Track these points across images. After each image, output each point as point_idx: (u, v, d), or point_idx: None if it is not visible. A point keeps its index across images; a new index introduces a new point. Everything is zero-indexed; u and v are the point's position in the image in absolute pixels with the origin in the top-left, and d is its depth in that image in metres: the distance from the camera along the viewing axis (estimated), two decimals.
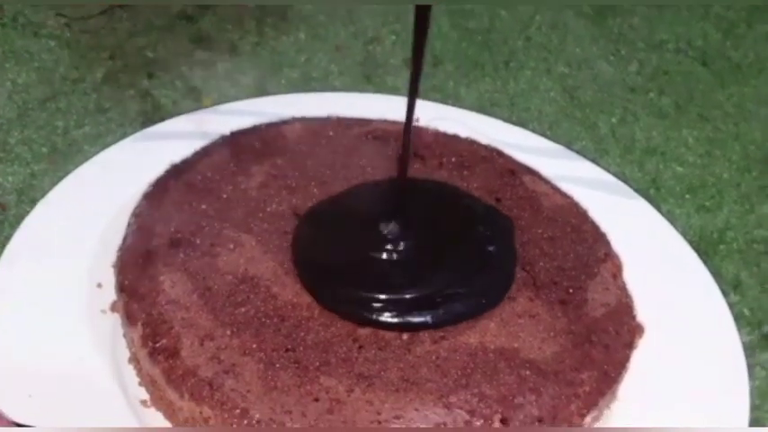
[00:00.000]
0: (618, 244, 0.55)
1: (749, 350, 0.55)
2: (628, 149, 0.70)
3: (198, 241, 0.51)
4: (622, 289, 0.51)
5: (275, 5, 0.79)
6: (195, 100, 0.68)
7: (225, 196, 0.54)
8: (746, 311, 0.58)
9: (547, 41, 0.80)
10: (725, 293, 0.58)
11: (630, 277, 0.53)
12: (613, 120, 0.72)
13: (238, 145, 0.58)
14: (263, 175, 0.56)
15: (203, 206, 0.53)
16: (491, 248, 0.52)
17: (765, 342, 0.56)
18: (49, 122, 0.65)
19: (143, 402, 0.46)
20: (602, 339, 0.48)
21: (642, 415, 0.47)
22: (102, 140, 0.63)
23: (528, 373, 0.45)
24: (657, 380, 0.49)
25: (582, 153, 0.66)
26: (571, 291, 0.50)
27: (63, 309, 0.49)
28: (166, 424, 0.45)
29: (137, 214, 0.53)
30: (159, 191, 0.54)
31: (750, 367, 0.53)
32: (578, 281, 0.51)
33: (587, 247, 0.53)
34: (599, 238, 0.54)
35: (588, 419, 0.45)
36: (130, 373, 0.47)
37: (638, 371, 0.49)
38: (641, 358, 0.49)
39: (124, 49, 0.72)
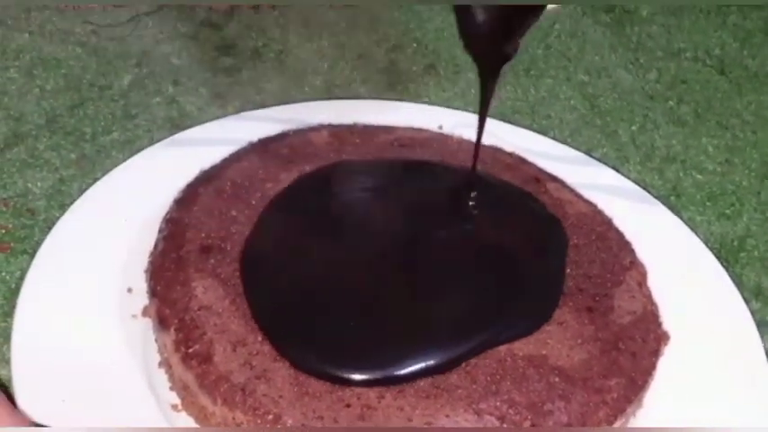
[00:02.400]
0: (642, 251, 0.56)
1: None
2: (648, 157, 0.70)
3: (228, 247, 0.52)
4: (648, 296, 0.52)
5: (298, 13, 0.80)
6: (220, 106, 0.69)
7: (254, 203, 0.55)
8: None
9: (566, 49, 0.81)
10: (747, 301, 0.58)
11: (655, 285, 0.54)
12: (633, 128, 0.73)
13: (267, 151, 0.59)
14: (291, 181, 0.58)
15: (233, 212, 0.54)
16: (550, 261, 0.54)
17: None
18: (77, 128, 0.66)
19: (174, 407, 0.47)
20: (629, 347, 0.49)
21: (666, 421, 0.48)
22: (129, 146, 0.64)
23: (557, 379, 0.46)
24: (681, 387, 0.50)
25: (603, 161, 0.67)
26: (597, 298, 0.51)
27: (94, 313, 0.51)
28: (199, 425, 0.46)
29: (168, 220, 0.54)
30: (190, 197, 0.55)
31: None
32: (605, 288, 0.52)
33: (612, 254, 0.54)
34: (624, 245, 0.55)
35: (617, 426, 0.46)
36: (161, 378, 0.48)
37: (663, 378, 0.50)
38: (666, 365, 0.50)
39: (150, 55, 0.73)
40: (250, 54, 0.76)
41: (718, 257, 0.62)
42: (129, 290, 0.53)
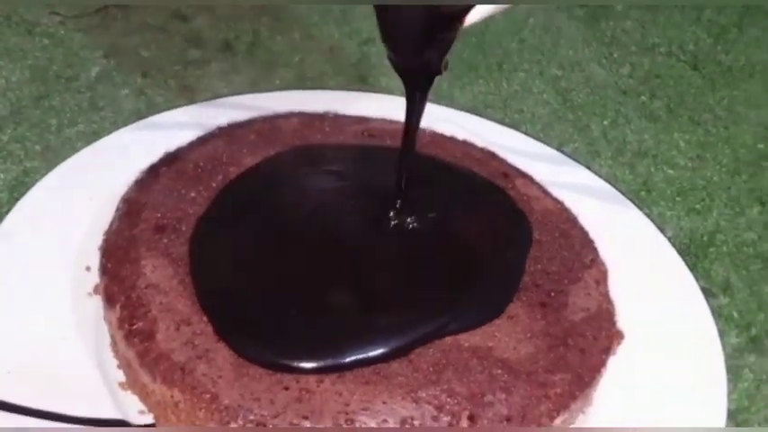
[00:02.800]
0: (606, 250, 0.56)
1: (737, 352, 0.56)
2: (619, 152, 0.70)
3: (183, 228, 0.52)
4: (604, 295, 0.52)
5: (269, 5, 0.79)
6: (189, 99, 0.68)
7: (214, 185, 0.55)
8: (735, 314, 0.58)
9: (540, 44, 0.80)
10: (714, 296, 0.59)
11: (617, 284, 0.54)
12: (605, 122, 0.73)
13: (233, 136, 0.59)
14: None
15: (192, 194, 0.54)
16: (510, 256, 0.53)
17: (753, 344, 0.56)
18: (43, 120, 0.65)
19: (120, 385, 0.47)
20: (579, 343, 0.48)
21: (616, 420, 0.48)
22: (96, 138, 0.62)
23: (500, 372, 0.46)
24: (634, 386, 0.50)
25: (574, 155, 0.67)
26: (552, 294, 0.51)
27: (50, 290, 0.51)
28: (141, 407, 0.46)
29: (125, 199, 0.54)
30: (150, 178, 0.56)
31: (738, 369, 0.55)
32: (561, 285, 0.51)
33: (574, 252, 0.54)
34: (586, 243, 0.55)
35: (558, 421, 0.45)
36: (110, 356, 0.49)
37: (616, 377, 0.49)
38: (620, 365, 0.50)
39: (118, 47, 0.72)
40: (220, 46, 0.75)
41: (688, 253, 0.62)
42: (88, 268, 0.53)
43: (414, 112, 0.50)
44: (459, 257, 0.53)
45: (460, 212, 0.56)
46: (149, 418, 0.46)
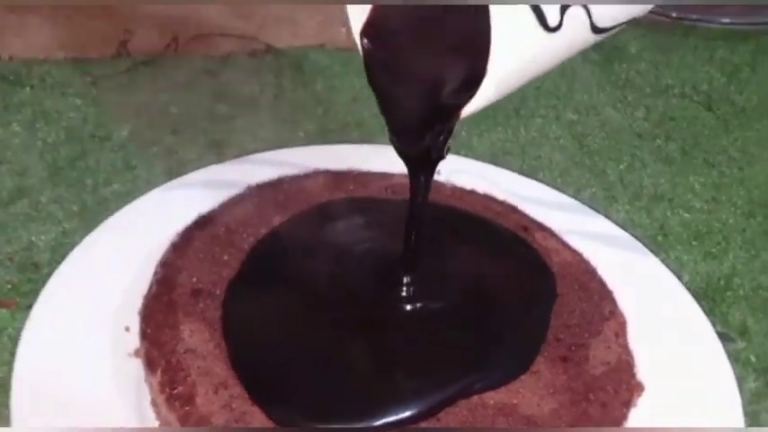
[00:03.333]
0: (624, 300, 0.58)
1: (755, 397, 0.57)
2: (636, 196, 0.72)
3: (217, 291, 0.54)
4: (624, 347, 0.54)
5: (292, 57, 0.82)
6: (218, 155, 0.70)
7: (246, 247, 0.57)
8: (753, 358, 0.60)
9: (555, 88, 0.82)
10: (732, 341, 0.60)
11: (635, 334, 0.56)
12: (621, 167, 0.75)
13: (262, 197, 0.61)
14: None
15: (225, 257, 0.56)
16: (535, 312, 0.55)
17: None
18: (79, 180, 0.67)
19: None
20: (600, 397, 0.50)
21: None
22: (130, 197, 0.64)
23: (525, 429, 0.47)
24: None
25: (591, 201, 0.69)
26: (573, 348, 0.52)
27: (90, 352, 0.53)
28: None
29: (162, 263, 0.56)
30: (184, 241, 0.58)
31: (756, 413, 0.56)
32: (582, 338, 0.53)
33: (593, 304, 0.56)
34: (605, 295, 0.56)
35: None
36: (151, 416, 0.50)
37: (637, 427, 0.51)
38: (641, 415, 0.52)
39: (149, 105, 0.75)
40: (245, 100, 0.78)
41: (705, 297, 0.64)
42: (127, 329, 0.55)
43: (418, 191, 0.52)
44: (485, 314, 0.54)
45: (486, 266, 0.58)
46: None
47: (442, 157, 0.50)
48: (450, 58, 0.45)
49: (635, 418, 0.52)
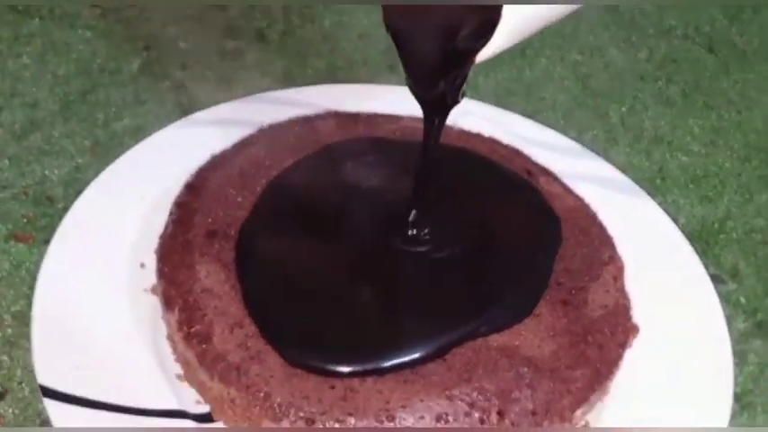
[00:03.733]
0: (622, 244, 0.60)
1: (743, 336, 0.60)
2: (637, 139, 0.74)
3: (232, 233, 0.56)
4: (621, 291, 0.56)
5: None
6: (227, 91, 0.72)
7: (258, 189, 0.59)
8: (743, 299, 0.62)
9: (561, 28, 0.83)
10: (724, 282, 0.63)
11: (632, 277, 0.58)
12: (623, 109, 0.76)
13: (273, 139, 0.62)
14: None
15: (239, 199, 0.58)
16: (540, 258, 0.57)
17: (758, 329, 0.60)
18: (91, 115, 0.69)
19: (179, 377, 0.52)
20: (598, 339, 0.53)
21: (630, 406, 0.53)
22: (141, 132, 0.66)
23: (525, 369, 0.50)
24: (647, 374, 0.54)
25: (593, 143, 0.71)
26: (573, 292, 0.55)
27: (108, 287, 0.55)
28: (198, 397, 0.51)
29: (177, 204, 0.58)
30: (199, 182, 0.59)
31: (744, 353, 0.59)
32: (581, 282, 0.55)
33: (593, 249, 0.58)
34: (605, 240, 0.58)
35: (579, 413, 0.50)
36: (168, 349, 0.53)
37: (630, 367, 0.54)
38: (635, 355, 0.54)
39: (158, 39, 0.76)
40: (254, 36, 0.78)
41: (699, 239, 0.66)
42: (142, 265, 0.57)
43: (432, 133, 0.53)
44: (493, 258, 0.56)
45: (494, 210, 0.60)
46: (206, 408, 0.51)
47: (456, 102, 0.51)
48: (456, 15, 0.46)
49: (629, 358, 0.54)
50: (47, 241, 0.58)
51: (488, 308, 0.53)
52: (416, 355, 0.49)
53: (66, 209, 0.60)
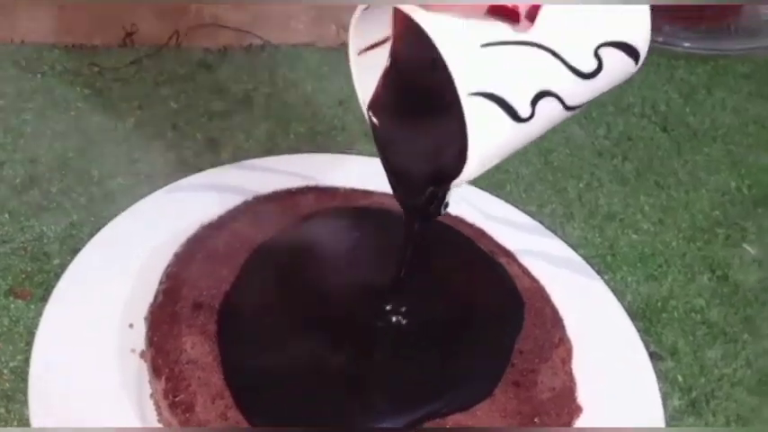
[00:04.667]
0: (571, 324, 0.65)
1: (678, 414, 0.65)
2: (591, 214, 0.79)
3: (216, 305, 0.61)
4: (568, 374, 0.62)
5: (285, 54, 0.87)
6: (214, 152, 0.77)
7: (242, 262, 0.63)
8: (680, 378, 0.68)
9: None
10: (663, 360, 0.68)
11: (578, 357, 0.64)
12: (581, 185, 0.82)
13: (257, 213, 0.67)
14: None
15: (224, 272, 0.62)
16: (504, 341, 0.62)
17: (693, 407, 0.66)
18: (86, 172, 0.74)
19: None
20: (544, 420, 0.58)
21: None
22: (133, 192, 0.72)
23: None
24: None
25: (551, 217, 0.77)
26: (525, 373, 0.60)
27: (98, 347, 0.60)
28: None
29: (167, 274, 0.63)
30: (187, 254, 0.64)
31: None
32: (532, 364, 0.61)
33: (545, 331, 0.63)
34: (556, 323, 0.64)
35: None
36: (152, 410, 0.58)
37: None
38: None
39: (151, 98, 0.81)
40: (241, 97, 0.84)
41: (643, 318, 0.72)
42: (131, 325, 0.62)
43: (411, 237, 0.57)
44: (461, 339, 0.61)
45: (466, 288, 0.65)
46: None
47: (439, 214, 0.55)
48: (436, 145, 0.51)
49: None
50: (43, 298, 0.63)
51: (453, 390, 0.58)
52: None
53: (61, 265, 0.66)
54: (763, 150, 0.89)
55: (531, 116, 0.48)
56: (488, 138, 0.48)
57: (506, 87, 0.46)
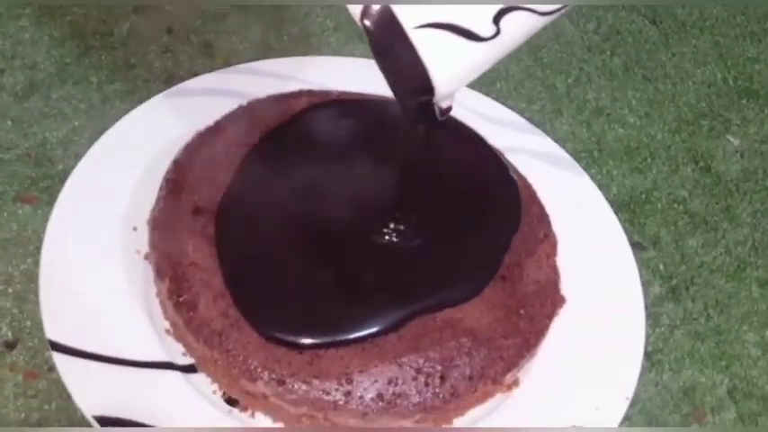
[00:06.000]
0: (557, 219, 0.68)
1: (658, 300, 0.69)
2: (579, 110, 0.81)
3: (214, 209, 0.63)
4: (552, 267, 0.65)
5: None
6: (209, 56, 0.79)
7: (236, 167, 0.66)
8: (661, 266, 0.71)
9: None
10: (645, 249, 0.71)
11: (563, 250, 0.67)
12: (569, 80, 0.84)
13: (253, 118, 0.69)
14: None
15: (221, 176, 0.65)
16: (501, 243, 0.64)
17: (672, 294, 0.70)
18: (85, 78, 0.76)
19: (167, 331, 0.61)
20: (529, 312, 0.62)
21: (553, 367, 0.63)
22: (131, 97, 0.74)
23: (465, 339, 0.59)
24: (570, 336, 0.64)
25: (540, 113, 0.79)
26: (511, 268, 0.63)
27: (105, 249, 0.64)
28: (184, 350, 0.60)
29: (167, 180, 0.65)
30: (185, 159, 0.67)
31: (657, 315, 0.68)
32: (518, 258, 0.64)
33: (531, 227, 0.66)
34: (542, 218, 0.67)
35: (509, 376, 0.60)
36: (157, 307, 0.62)
37: (556, 333, 0.63)
38: (560, 323, 0.64)
39: (145, 2, 0.82)
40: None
41: (627, 209, 0.75)
42: (135, 228, 0.65)
43: (413, 141, 0.58)
44: (456, 241, 0.63)
45: (464, 194, 0.66)
46: (191, 360, 0.60)
47: (436, 119, 0.55)
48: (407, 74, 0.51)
49: (556, 325, 0.64)
50: (49, 203, 0.66)
51: (446, 287, 0.60)
52: (370, 332, 0.57)
53: (64, 170, 0.68)
54: (750, 41, 0.90)
55: (498, 33, 0.48)
56: (448, 63, 0.49)
57: (455, 13, 0.47)
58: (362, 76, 0.65)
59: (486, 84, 0.80)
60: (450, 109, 0.55)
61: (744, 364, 0.67)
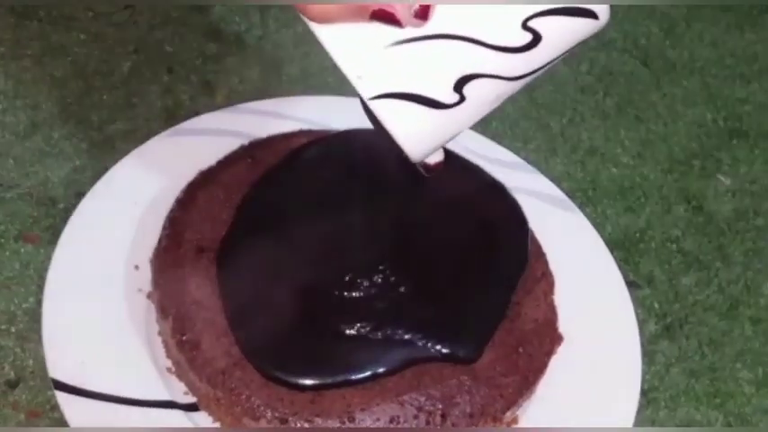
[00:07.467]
0: (553, 257, 0.69)
1: (654, 338, 0.70)
2: (574, 149, 0.82)
3: (217, 248, 0.64)
4: (550, 306, 0.66)
5: None
6: (209, 95, 0.80)
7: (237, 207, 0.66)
8: (656, 304, 0.72)
9: None
10: (640, 288, 0.72)
11: (560, 288, 0.68)
12: (564, 120, 0.85)
13: (255, 158, 0.70)
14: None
15: (224, 216, 0.66)
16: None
17: (667, 332, 0.71)
18: (86, 117, 0.76)
19: (168, 369, 0.61)
20: (528, 350, 0.63)
21: (551, 404, 0.63)
22: (132, 136, 0.75)
23: (466, 378, 0.60)
24: (568, 374, 0.64)
25: (536, 152, 0.80)
26: (510, 306, 0.64)
27: (108, 287, 0.64)
28: (186, 389, 0.60)
29: (170, 219, 0.66)
30: (188, 199, 0.67)
31: (653, 353, 0.69)
32: (517, 297, 0.65)
33: (529, 266, 0.67)
34: (539, 257, 0.68)
35: (508, 414, 0.60)
36: (159, 346, 0.62)
37: (554, 370, 0.64)
38: (558, 360, 0.65)
39: (146, 42, 0.83)
40: (234, 39, 0.86)
41: (621, 248, 0.76)
42: (137, 267, 0.66)
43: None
44: (461, 283, 0.64)
45: (472, 234, 0.67)
46: (193, 399, 0.60)
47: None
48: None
49: (554, 362, 0.65)
50: (51, 242, 0.66)
51: (451, 339, 0.60)
52: (377, 371, 0.58)
53: (66, 209, 0.69)
54: (739, 83, 0.92)
55: (462, 100, 0.48)
56: (411, 130, 0.48)
57: (413, 82, 0.47)
58: (361, 115, 0.65)
59: (481, 123, 0.80)
60: (439, 164, 0.54)
61: (738, 401, 0.68)
